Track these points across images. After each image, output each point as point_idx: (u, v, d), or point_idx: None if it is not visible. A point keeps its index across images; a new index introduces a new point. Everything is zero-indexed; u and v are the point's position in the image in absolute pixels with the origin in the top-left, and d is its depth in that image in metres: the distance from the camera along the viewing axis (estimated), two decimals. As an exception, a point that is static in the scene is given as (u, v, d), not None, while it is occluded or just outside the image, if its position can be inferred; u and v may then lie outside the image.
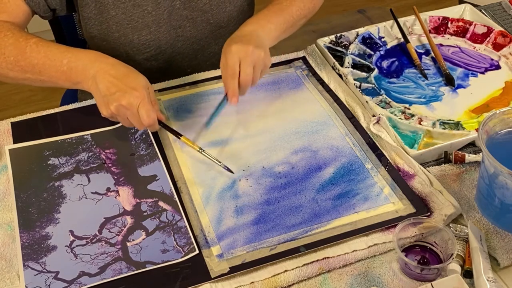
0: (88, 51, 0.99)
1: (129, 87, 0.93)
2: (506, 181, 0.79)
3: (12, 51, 0.99)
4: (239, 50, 0.97)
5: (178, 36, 1.17)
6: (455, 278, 0.79)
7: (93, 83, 0.95)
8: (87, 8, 1.11)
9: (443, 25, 1.30)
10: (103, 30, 1.13)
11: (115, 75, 0.94)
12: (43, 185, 0.96)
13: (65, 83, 0.99)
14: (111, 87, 0.93)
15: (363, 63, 1.20)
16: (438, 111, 1.10)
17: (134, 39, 1.13)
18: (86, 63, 0.96)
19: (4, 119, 1.08)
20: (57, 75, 0.98)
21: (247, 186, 0.96)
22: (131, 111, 0.92)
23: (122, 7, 1.10)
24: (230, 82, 0.97)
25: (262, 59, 0.99)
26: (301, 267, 0.84)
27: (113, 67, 0.96)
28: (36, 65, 0.98)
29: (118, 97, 0.92)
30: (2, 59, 0.99)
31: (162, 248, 0.86)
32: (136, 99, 0.92)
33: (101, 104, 0.95)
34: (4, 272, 0.84)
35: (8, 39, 1.00)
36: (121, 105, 0.92)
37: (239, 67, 0.97)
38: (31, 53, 0.98)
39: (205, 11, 1.16)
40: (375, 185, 0.96)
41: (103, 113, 0.95)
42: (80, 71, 0.96)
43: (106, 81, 0.93)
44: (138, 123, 0.94)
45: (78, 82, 0.98)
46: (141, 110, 0.92)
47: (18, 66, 0.99)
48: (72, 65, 0.97)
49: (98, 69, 0.95)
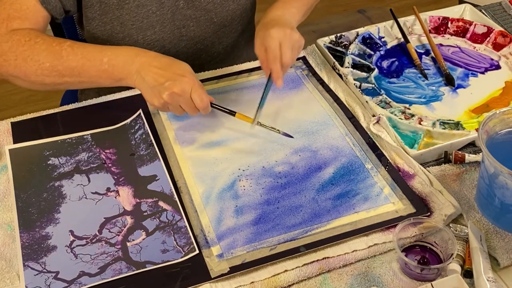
0: (126, 47, 1.01)
1: (178, 74, 0.95)
2: (506, 181, 0.79)
3: (47, 57, 0.99)
4: (278, 34, 1.00)
5: (182, 35, 1.18)
6: (455, 278, 0.79)
7: (138, 77, 0.96)
8: (92, 9, 1.11)
9: (443, 25, 1.30)
10: (107, 31, 1.13)
11: (159, 66, 0.96)
12: (43, 185, 0.96)
13: (107, 81, 1.01)
14: (159, 77, 0.95)
15: (363, 63, 1.20)
16: (438, 111, 1.10)
17: (138, 39, 1.14)
18: (127, 59, 0.98)
19: (4, 119, 1.08)
20: (98, 74, 0.99)
21: (247, 186, 0.96)
22: (184, 97, 0.95)
23: (126, 8, 1.10)
24: (274, 66, 1.00)
25: (298, 40, 1.03)
26: (301, 267, 0.84)
27: (155, 59, 0.98)
28: (75, 67, 0.99)
29: (169, 85, 0.94)
30: (37, 66, 0.99)
31: (162, 248, 0.86)
32: (187, 85, 0.94)
33: (152, 96, 0.96)
34: (4, 272, 0.84)
35: (40, 45, 0.99)
36: (174, 92, 0.94)
37: (279, 50, 1.00)
38: (68, 56, 0.99)
39: (208, 10, 1.17)
40: (375, 185, 0.96)
41: (154, 104, 0.97)
42: (122, 68, 0.98)
43: (152, 73, 0.95)
44: (191, 108, 0.97)
45: (121, 78, 0.99)
46: (193, 95, 0.95)
47: (55, 71, 0.99)
48: (113, 63, 0.98)
49: (141, 62, 0.97)
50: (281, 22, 1.05)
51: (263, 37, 1.02)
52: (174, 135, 1.05)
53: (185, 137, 1.05)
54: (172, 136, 1.05)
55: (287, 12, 1.09)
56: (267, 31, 1.01)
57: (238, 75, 1.19)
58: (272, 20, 1.06)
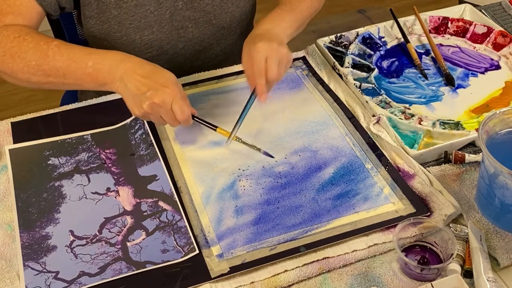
0: (113, 52, 0.99)
1: (160, 84, 0.93)
2: (506, 181, 0.79)
3: (34, 55, 0.98)
4: (265, 48, 0.98)
5: (180, 36, 1.17)
6: (455, 278, 0.79)
7: (122, 84, 0.95)
8: (89, 7, 1.11)
9: (443, 25, 1.30)
10: (105, 29, 1.13)
11: (143, 74, 0.94)
12: (43, 185, 0.96)
13: (91, 84, 0.99)
14: (141, 86, 0.93)
15: (363, 63, 1.20)
16: (438, 111, 1.10)
17: (136, 39, 1.13)
18: (112, 63, 0.96)
19: (4, 119, 1.08)
20: (83, 78, 0.97)
21: (247, 186, 0.96)
22: (164, 109, 0.93)
23: (124, 7, 1.10)
24: (259, 80, 0.98)
25: (286, 55, 1.01)
26: (301, 267, 0.84)
27: (140, 66, 0.96)
28: (60, 68, 0.97)
29: (150, 95, 0.92)
30: (23, 63, 0.98)
31: (162, 248, 0.86)
32: (169, 96, 0.92)
33: (133, 104, 0.95)
34: (4, 272, 0.84)
35: (28, 43, 0.98)
36: (154, 103, 0.92)
37: (265, 64, 0.98)
38: (54, 56, 0.97)
39: (207, 11, 1.16)
40: (375, 185, 0.96)
41: (135, 113, 0.95)
42: (107, 72, 0.96)
43: (135, 81, 0.94)
44: (172, 120, 0.95)
45: (105, 83, 0.97)
46: (174, 106, 0.93)
47: (40, 70, 0.98)
48: (97, 67, 0.96)
49: (125, 69, 0.95)
50: (269, 36, 1.02)
51: (249, 51, 1.00)
52: (174, 135, 1.05)
53: (185, 137, 1.05)
54: (172, 136, 1.05)
55: (277, 27, 1.07)
56: (253, 44, 0.99)
57: (238, 75, 1.19)
58: (261, 34, 1.04)
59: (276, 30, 1.06)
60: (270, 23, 1.08)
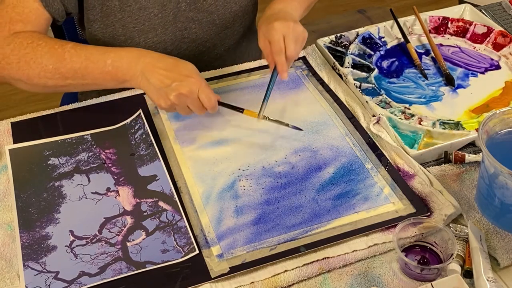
0: (129, 49, 1.00)
1: (184, 75, 0.95)
2: (506, 181, 0.79)
3: (50, 59, 0.98)
4: (282, 27, 1.00)
5: (184, 37, 1.17)
6: (455, 278, 0.79)
7: (144, 79, 0.96)
8: (93, 11, 1.11)
9: (443, 25, 1.30)
10: (109, 33, 1.13)
11: (164, 67, 0.96)
12: (43, 185, 0.96)
13: (111, 83, 1.00)
14: (165, 79, 0.95)
15: (363, 63, 1.20)
16: (438, 111, 1.10)
17: (140, 42, 1.13)
18: (130, 60, 0.97)
19: (4, 119, 1.08)
20: (102, 76, 0.98)
21: (247, 186, 0.96)
22: (191, 98, 0.95)
23: (128, 10, 1.10)
24: (279, 58, 1.00)
25: (302, 33, 1.03)
26: (301, 267, 0.84)
27: (159, 59, 0.97)
28: (78, 69, 0.98)
29: (176, 86, 0.94)
30: (40, 68, 0.98)
31: (162, 248, 0.86)
32: (195, 86, 0.94)
33: (159, 97, 0.96)
34: (4, 272, 0.84)
35: (43, 48, 0.99)
36: (181, 94, 0.94)
37: (283, 43, 1.00)
38: (71, 58, 0.98)
39: (210, 12, 1.16)
40: (375, 185, 0.96)
41: (161, 105, 0.97)
42: (126, 69, 0.97)
43: (157, 74, 0.95)
44: (199, 108, 0.97)
45: (125, 80, 0.98)
46: (201, 95, 0.95)
47: (58, 73, 0.98)
48: (116, 64, 0.97)
49: (145, 64, 0.96)
50: (283, 15, 1.05)
51: (267, 31, 1.02)
52: (174, 135, 1.05)
53: (185, 137, 1.05)
54: (172, 136, 1.05)
55: (288, 6, 1.10)
56: (270, 24, 1.02)
57: (238, 75, 1.19)
58: (275, 13, 1.06)
59: (288, 9, 1.09)
60: (283, 3, 1.10)
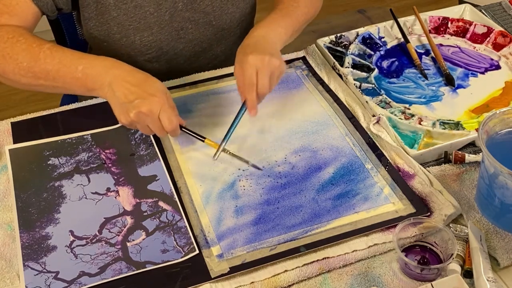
0: (104, 58, 0.98)
1: (148, 93, 0.91)
2: (506, 181, 0.79)
3: (25, 57, 0.97)
4: (256, 61, 0.96)
5: (180, 38, 1.17)
6: (455, 278, 0.79)
7: (110, 91, 0.93)
8: (88, 9, 1.11)
9: (443, 25, 1.30)
10: (104, 31, 1.13)
11: (132, 82, 0.93)
12: (43, 185, 0.96)
13: (80, 89, 0.98)
14: (129, 94, 0.92)
15: (363, 63, 1.20)
16: (438, 111, 1.10)
17: (135, 40, 1.13)
18: (101, 69, 0.95)
19: (4, 119, 1.08)
20: (72, 82, 0.97)
21: (247, 186, 0.96)
22: (151, 118, 0.91)
23: (123, 8, 1.10)
24: (249, 94, 0.97)
25: (278, 67, 0.98)
26: (301, 267, 0.84)
27: (129, 73, 0.95)
28: (50, 71, 0.97)
29: (137, 104, 0.91)
30: (14, 65, 0.98)
31: (162, 248, 0.86)
32: (156, 106, 0.91)
33: (120, 112, 0.93)
34: (4, 272, 0.84)
35: (21, 44, 0.98)
36: (142, 112, 0.90)
37: (256, 77, 0.96)
38: (45, 59, 0.97)
39: (207, 13, 1.16)
40: (375, 185, 0.96)
41: (121, 121, 0.94)
42: (96, 78, 0.95)
43: (123, 88, 0.92)
44: (159, 129, 0.93)
45: (93, 89, 0.96)
46: (162, 116, 0.91)
47: (31, 72, 0.97)
48: (87, 72, 0.95)
49: (114, 76, 0.94)
50: (262, 46, 1.00)
51: (241, 62, 0.98)
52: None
53: (185, 137, 1.05)
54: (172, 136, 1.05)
55: (272, 32, 1.05)
56: (245, 56, 0.97)
57: (238, 75, 1.19)
58: (253, 43, 1.01)
59: (271, 36, 1.04)
60: (266, 28, 1.05)
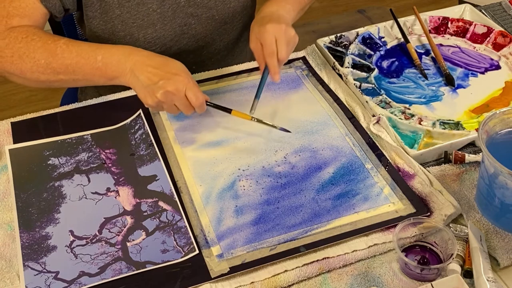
0: (120, 46, 1.01)
1: (171, 73, 0.95)
2: (506, 181, 0.79)
3: (43, 54, 0.99)
4: (274, 29, 1.01)
5: (184, 33, 1.18)
6: (455, 278, 0.79)
7: (132, 76, 0.97)
8: (92, 8, 1.11)
9: (443, 25, 1.30)
10: (108, 29, 1.13)
11: (153, 65, 0.97)
12: (43, 185, 0.96)
13: (101, 79, 1.01)
14: (152, 76, 0.95)
15: (363, 63, 1.20)
16: (438, 111, 1.10)
17: (139, 37, 1.14)
18: (121, 57, 0.98)
19: (4, 119, 1.08)
20: (92, 72, 1.00)
21: (247, 186, 0.96)
22: (178, 96, 0.95)
23: (127, 6, 1.10)
24: (271, 60, 1.01)
25: (293, 37, 1.03)
26: (301, 267, 0.84)
27: (149, 58, 0.98)
28: (69, 65, 0.99)
29: (163, 84, 0.94)
30: (32, 63, 1.00)
31: (162, 248, 0.86)
32: (181, 84, 0.95)
33: (146, 95, 0.96)
34: (4, 272, 0.84)
35: (36, 42, 1.00)
36: (168, 91, 0.94)
37: (275, 45, 1.01)
38: (63, 53, 0.99)
39: (210, 7, 1.17)
40: (375, 185, 0.96)
41: (148, 103, 0.97)
42: (116, 66, 0.98)
43: (146, 72, 0.96)
44: (186, 107, 0.97)
45: (115, 77, 0.99)
46: (188, 93, 0.95)
47: (50, 68, 1.00)
48: (106, 61, 0.99)
49: (134, 61, 0.97)
50: (276, 17, 1.05)
51: (259, 32, 1.02)
52: (174, 135, 1.05)
53: (185, 137, 1.05)
54: (172, 136, 1.05)
55: (281, 8, 1.10)
56: (262, 26, 1.02)
57: (238, 75, 1.19)
58: (267, 15, 1.06)
59: (281, 12, 1.08)
60: (276, 6, 1.10)
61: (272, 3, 1.11)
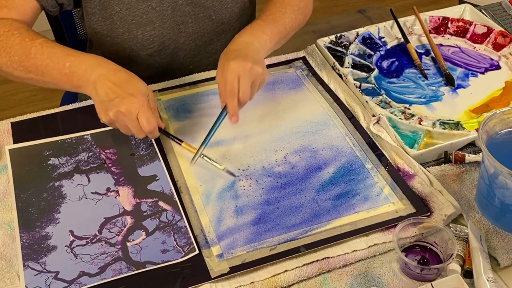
0: (92, 56, 0.99)
1: (128, 93, 0.92)
2: (506, 181, 0.79)
3: (18, 50, 0.99)
4: (237, 67, 0.96)
5: (181, 32, 1.18)
6: (455, 278, 0.79)
7: (93, 89, 0.95)
8: (92, 4, 1.11)
9: (443, 25, 1.30)
10: (107, 26, 1.13)
11: (115, 81, 0.94)
12: (43, 185, 0.96)
13: (67, 85, 0.99)
14: (110, 93, 0.93)
15: (363, 63, 1.20)
16: (438, 111, 1.10)
17: (138, 34, 1.14)
18: (88, 67, 0.96)
19: (4, 119, 1.08)
20: (59, 77, 0.98)
21: (247, 186, 0.96)
22: (129, 118, 0.92)
23: (126, 3, 1.10)
24: (230, 101, 0.97)
25: (260, 75, 0.99)
26: (301, 267, 0.84)
27: (114, 73, 0.95)
28: (39, 66, 0.98)
29: (116, 103, 0.91)
30: (7, 58, 0.99)
31: (162, 248, 0.86)
32: (134, 106, 0.91)
33: (100, 110, 0.95)
34: (4, 272, 0.84)
35: (15, 38, 1.00)
36: (120, 111, 0.91)
37: (238, 84, 0.96)
38: (36, 54, 0.98)
39: (207, 7, 1.17)
40: (375, 185, 0.96)
41: (102, 119, 0.95)
42: (81, 75, 0.96)
43: (105, 87, 0.93)
44: (137, 130, 0.93)
45: (79, 86, 0.97)
46: (140, 116, 0.92)
47: (22, 66, 0.99)
48: (74, 69, 0.97)
49: (99, 74, 0.95)
50: (244, 53, 0.99)
51: (222, 68, 0.98)
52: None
53: (185, 137, 1.05)
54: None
55: (256, 40, 1.04)
56: (227, 62, 0.97)
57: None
58: (237, 48, 1.01)
59: (255, 43, 1.03)
60: (250, 36, 1.04)
61: (248, 32, 1.05)
